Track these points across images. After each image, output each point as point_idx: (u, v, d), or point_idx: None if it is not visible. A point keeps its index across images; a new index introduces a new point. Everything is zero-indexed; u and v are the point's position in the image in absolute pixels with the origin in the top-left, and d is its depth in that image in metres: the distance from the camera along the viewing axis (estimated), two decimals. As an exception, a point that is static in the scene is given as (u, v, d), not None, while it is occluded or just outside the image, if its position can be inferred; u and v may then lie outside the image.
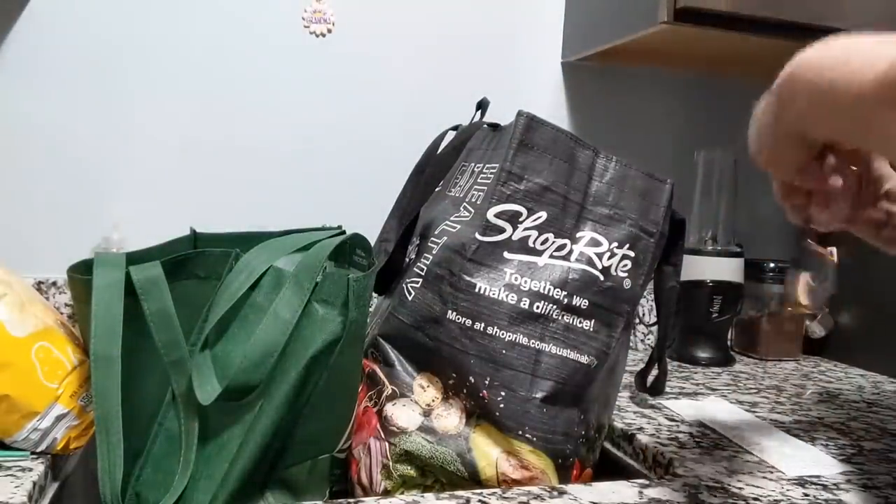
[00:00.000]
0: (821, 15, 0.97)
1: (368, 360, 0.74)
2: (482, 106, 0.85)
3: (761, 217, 1.34)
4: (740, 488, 0.65)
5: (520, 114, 0.68)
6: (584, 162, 0.70)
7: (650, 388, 0.88)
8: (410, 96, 1.16)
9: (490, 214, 0.67)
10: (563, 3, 1.21)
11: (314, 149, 1.13)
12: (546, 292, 0.67)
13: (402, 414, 0.69)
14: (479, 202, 0.70)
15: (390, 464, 0.69)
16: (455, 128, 0.85)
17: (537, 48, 1.21)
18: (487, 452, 0.68)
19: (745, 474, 0.68)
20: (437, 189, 0.82)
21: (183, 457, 0.60)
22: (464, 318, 0.67)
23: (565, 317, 0.68)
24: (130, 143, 1.06)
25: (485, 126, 0.80)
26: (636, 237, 0.71)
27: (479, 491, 0.62)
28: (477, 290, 0.67)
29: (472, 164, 0.76)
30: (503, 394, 0.66)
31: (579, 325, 0.68)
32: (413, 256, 0.76)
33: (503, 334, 0.66)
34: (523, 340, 0.67)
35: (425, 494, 0.61)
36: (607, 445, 0.83)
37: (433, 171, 0.80)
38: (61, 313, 0.92)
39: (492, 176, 0.70)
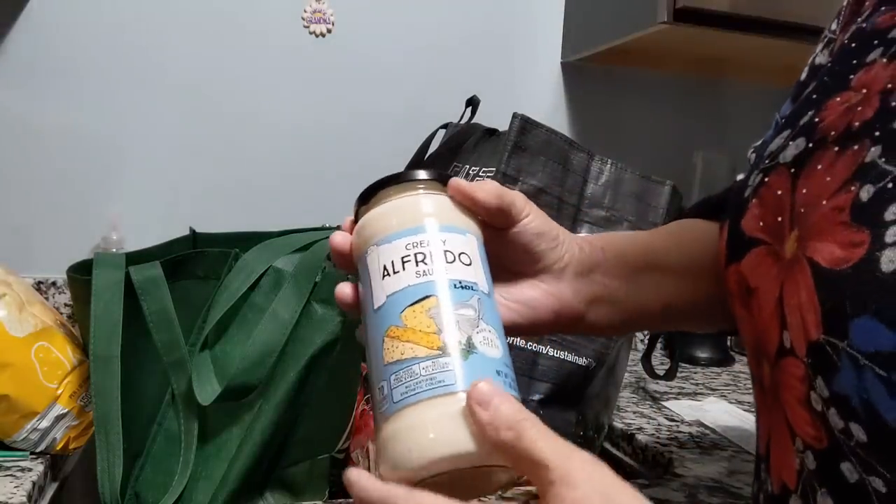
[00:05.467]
0: (819, 15, 0.97)
1: (365, 363, 0.74)
2: (472, 103, 0.84)
3: (761, 217, 1.34)
4: (740, 488, 0.65)
5: (515, 116, 0.68)
6: (578, 165, 0.70)
7: (664, 375, 0.87)
8: (410, 96, 1.16)
9: None
10: (563, 3, 1.21)
11: (314, 148, 1.13)
12: (545, 293, 0.67)
13: (401, 414, 0.69)
14: None
15: (389, 464, 0.69)
16: (445, 126, 0.85)
17: (537, 48, 1.21)
18: (486, 453, 0.67)
19: (745, 474, 0.68)
20: None
21: (182, 457, 0.60)
22: (462, 319, 0.66)
23: (563, 318, 0.68)
24: (130, 144, 1.06)
25: (480, 128, 0.80)
26: (635, 238, 0.71)
27: (478, 491, 0.62)
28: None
29: (467, 167, 0.76)
30: (502, 394, 0.66)
31: (578, 326, 0.68)
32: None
33: (500, 336, 0.66)
34: (520, 343, 0.66)
35: (424, 494, 0.61)
36: (607, 445, 0.83)
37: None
38: (61, 313, 0.92)
39: (487, 178, 0.70)
